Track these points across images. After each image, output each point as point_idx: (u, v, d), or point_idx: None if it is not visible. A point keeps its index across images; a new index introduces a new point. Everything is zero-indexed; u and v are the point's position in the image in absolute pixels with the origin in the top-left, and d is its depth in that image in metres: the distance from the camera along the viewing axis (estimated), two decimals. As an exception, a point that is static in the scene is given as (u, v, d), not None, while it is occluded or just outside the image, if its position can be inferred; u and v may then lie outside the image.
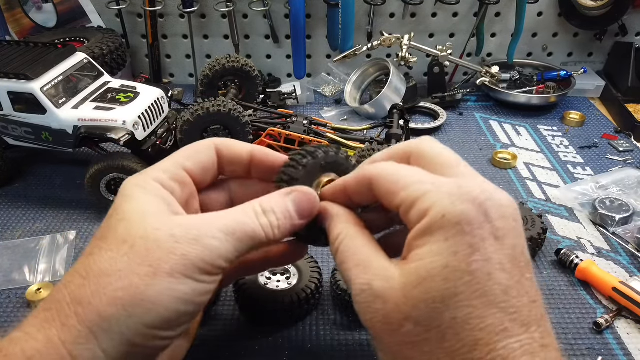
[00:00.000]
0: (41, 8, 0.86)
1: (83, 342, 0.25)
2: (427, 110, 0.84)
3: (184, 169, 0.32)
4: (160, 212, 0.28)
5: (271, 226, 0.29)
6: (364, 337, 0.44)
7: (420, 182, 0.26)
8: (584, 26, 0.90)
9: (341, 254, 0.29)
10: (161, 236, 0.26)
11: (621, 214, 0.58)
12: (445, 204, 0.24)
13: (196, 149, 0.33)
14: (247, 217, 0.29)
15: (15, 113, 0.57)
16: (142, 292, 0.25)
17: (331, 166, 0.33)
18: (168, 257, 0.26)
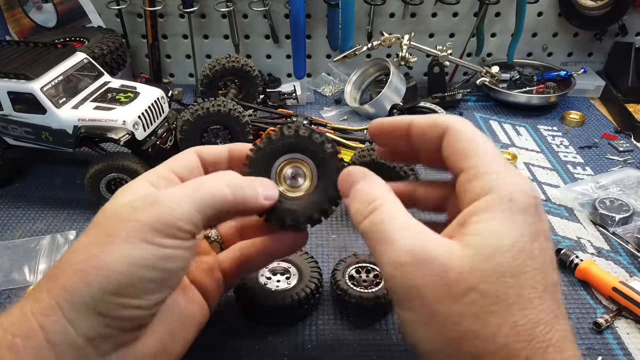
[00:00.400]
0: (41, 8, 0.86)
1: (50, 314, 0.26)
2: (427, 110, 0.84)
3: (170, 169, 0.33)
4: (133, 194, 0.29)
5: (235, 185, 0.30)
6: (364, 337, 0.44)
7: (494, 159, 0.27)
8: (584, 26, 0.90)
9: (381, 213, 0.27)
10: (121, 209, 0.28)
11: (621, 214, 0.58)
12: (512, 189, 0.26)
13: (180, 156, 0.35)
14: (209, 178, 0.30)
15: (15, 113, 0.57)
16: (100, 261, 0.26)
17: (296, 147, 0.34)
18: (124, 225, 0.27)
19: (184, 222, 0.28)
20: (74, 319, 0.25)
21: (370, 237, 0.27)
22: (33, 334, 0.25)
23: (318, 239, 0.56)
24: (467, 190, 0.27)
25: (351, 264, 0.48)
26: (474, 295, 0.24)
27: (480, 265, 0.24)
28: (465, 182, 0.27)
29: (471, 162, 0.27)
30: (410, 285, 0.25)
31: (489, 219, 0.25)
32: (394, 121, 0.32)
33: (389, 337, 0.44)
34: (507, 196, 0.25)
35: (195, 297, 0.35)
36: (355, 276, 0.47)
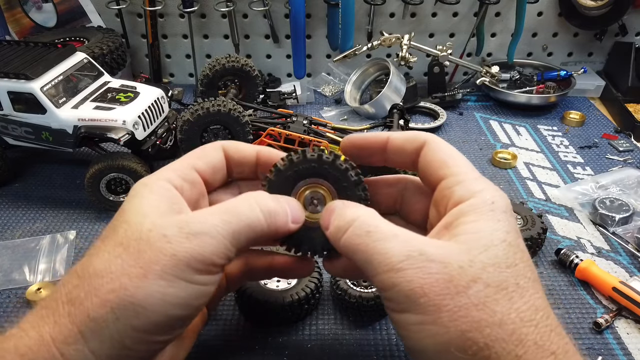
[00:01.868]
0: (41, 8, 0.86)
1: (72, 342, 0.25)
2: (427, 110, 0.84)
3: (195, 169, 0.32)
4: (159, 213, 0.27)
5: (269, 213, 0.29)
6: (364, 337, 0.44)
7: (470, 169, 0.29)
8: (584, 26, 0.90)
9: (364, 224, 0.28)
10: (153, 236, 0.26)
11: (621, 214, 0.58)
12: (493, 193, 0.28)
13: (205, 149, 0.33)
14: (242, 204, 0.29)
15: (15, 113, 0.57)
16: (132, 295, 0.25)
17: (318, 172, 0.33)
18: (158, 258, 0.25)
19: (219, 257, 0.27)
20: (97, 349, 0.25)
21: (358, 250, 0.27)
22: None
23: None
24: (450, 195, 0.28)
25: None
26: (478, 286, 0.25)
27: (478, 258, 0.25)
28: (447, 188, 0.29)
29: (451, 170, 0.29)
30: (413, 288, 0.25)
31: (477, 219, 0.27)
32: (370, 138, 0.33)
33: (389, 337, 0.44)
34: (490, 199, 0.27)
35: None
36: (355, 276, 0.47)
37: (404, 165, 0.33)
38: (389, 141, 0.32)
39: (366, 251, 0.27)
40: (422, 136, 0.31)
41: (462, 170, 0.29)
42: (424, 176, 0.31)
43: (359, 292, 0.45)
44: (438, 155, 0.30)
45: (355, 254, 0.27)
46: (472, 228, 0.26)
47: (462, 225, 0.27)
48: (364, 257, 0.27)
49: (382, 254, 0.26)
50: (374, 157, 0.33)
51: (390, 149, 0.32)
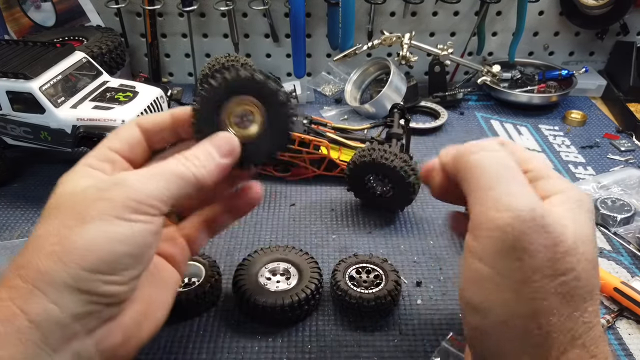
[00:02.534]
0: (40, 7, 0.86)
1: (29, 297, 0.25)
2: (428, 109, 0.84)
3: (110, 149, 0.32)
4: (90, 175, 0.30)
5: (195, 165, 0.30)
6: (364, 338, 0.44)
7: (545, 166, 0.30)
8: (585, 25, 0.90)
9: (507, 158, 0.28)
10: (87, 191, 0.28)
11: (623, 214, 0.58)
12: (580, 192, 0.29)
13: (118, 129, 0.34)
14: (171, 162, 0.30)
15: (14, 112, 0.57)
16: (74, 241, 0.26)
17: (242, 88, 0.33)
18: (95, 204, 0.27)
19: (154, 199, 0.28)
20: (57, 298, 0.25)
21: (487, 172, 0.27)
22: (13, 317, 0.25)
23: (318, 239, 0.56)
24: (537, 187, 0.28)
25: (351, 265, 0.47)
26: (570, 276, 0.25)
27: (580, 248, 0.26)
28: (531, 181, 0.29)
29: (534, 165, 0.30)
30: (514, 246, 0.25)
31: (574, 213, 0.27)
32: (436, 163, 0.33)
33: (389, 338, 0.44)
34: (577, 196, 0.28)
35: (164, 266, 0.35)
36: (356, 277, 0.47)
37: None
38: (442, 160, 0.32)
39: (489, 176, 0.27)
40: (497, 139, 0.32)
41: (545, 167, 0.30)
42: None
43: (359, 292, 0.44)
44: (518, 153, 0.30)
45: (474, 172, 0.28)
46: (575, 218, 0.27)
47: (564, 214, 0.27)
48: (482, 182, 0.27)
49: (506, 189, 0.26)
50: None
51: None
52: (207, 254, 0.49)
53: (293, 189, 0.64)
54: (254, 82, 0.32)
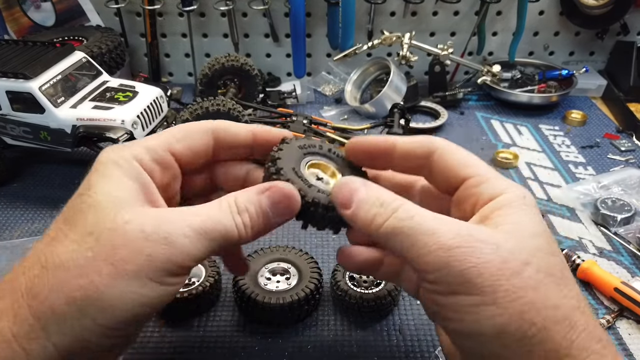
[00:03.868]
0: (39, 7, 0.86)
1: (34, 338, 0.24)
2: (428, 109, 0.84)
3: (171, 151, 0.30)
4: (133, 201, 0.26)
5: (244, 225, 0.28)
6: (364, 338, 0.44)
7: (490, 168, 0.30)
8: (585, 25, 0.90)
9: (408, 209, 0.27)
10: (130, 231, 0.25)
11: (623, 214, 0.58)
12: (522, 189, 0.29)
13: (190, 130, 0.30)
14: (223, 214, 0.27)
15: (14, 112, 0.57)
16: (101, 293, 0.24)
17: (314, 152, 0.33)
18: (134, 257, 0.24)
19: (192, 260, 0.26)
20: (58, 343, 0.24)
21: (402, 232, 0.26)
22: (15, 356, 0.24)
23: (318, 239, 0.56)
24: (479, 193, 0.29)
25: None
26: (530, 269, 0.25)
27: (526, 244, 0.26)
28: (473, 187, 0.29)
29: (474, 170, 0.30)
30: (467, 267, 0.25)
31: (515, 212, 0.27)
32: (376, 142, 0.32)
33: (389, 338, 0.44)
34: (521, 195, 0.28)
35: None
36: (356, 277, 0.47)
37: (410, 170, 0.33)
38: (397, 146, 0.32)
39: (411, 233, 0.26)
40: (432, 141, 0.31)
41: (485, 170, 0.30)
42: (439, 179, 0.31)
43: (359, 292, 0.44)
44: (456, 157, 0.30)
45: (396, 236, 0.27)
46: (513, 219, 0.27)
47: (502, 216, 0.27)
48: (408, 240, 0.26)
49: (429, 234, 0.26)
50: (379, 161, 0.33)
51: (399, 153, 0.32)
52: (207, 254, 0.49)
53: (293, 189, 0.64)
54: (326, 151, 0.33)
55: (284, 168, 0.30)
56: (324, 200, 0.30)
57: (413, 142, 0.32)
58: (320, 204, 0.29)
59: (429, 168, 0.31)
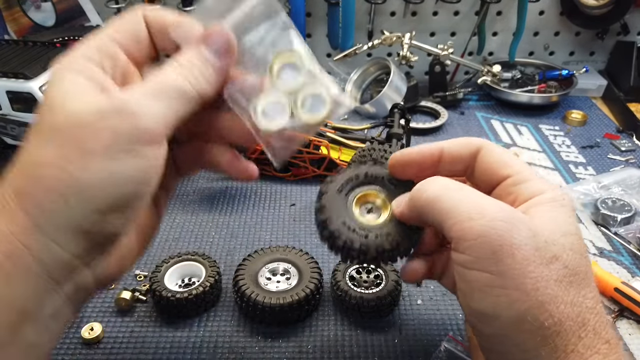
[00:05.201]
0: (40, 7, 0.86)
1: (30, 234, 0.24)
2: (428, 109, 0.84)
3: (114, 40, 0.29)
4: (84, 92, 0.26)
5: (194, 77, 0.27)
6: (364, 338, 0.44)
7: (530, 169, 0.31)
8: (585, 25, 0.90)
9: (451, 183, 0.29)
10: (88, 115, 0.25)
11: (623, 214, 0.58)
12: (559, 192, 0.29)
13: (124, 18, 0.30)
14: (168, 75, 0.27)
15: (14, 112, 0.57)
16: (78, 179, 0.24)
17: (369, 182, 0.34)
18: (98, 136, 0.24)
19: (160, 124, 0.26)
20: (58, 238, 0.25)
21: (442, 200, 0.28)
22: (18, 252, 0.24)
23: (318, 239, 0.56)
24: (519, 191, 0.29)
25: (352, 265, 0.47)
26: (558, 264, 0.26)
27: (560, 239, 0.26)
28: (513, 185, 0.30)
29: (516, 169, 0.30)
30: (502, 244, 0.25)
31: (553, 209, 0.28)
32: (424, 152, 0.33)
33: (389, 338, 0.44)
34: (559, 196, 0.29)
35: None
36: (356, 277, 0.47)
37: (455, 173, 0.33)
38: (445, 151, 0.32)
39: (451, 200, 0.28)
40: (477, 141, 0.32)
41: (525, 170, 0.30)
42: (481, 178, 0.32)
43: (359, 293, 0.44)
44: (498, 156, 0.31)
45: (441, 202, 0.28)
46: (550, 215, 0.27)
47: (540, 212, 0.28)
48: (447, 206, 0.27)
49: (471, 202, 0.27)
50: (427, 171, 0.33)
51: (447, 158, 0.32)
52: (207, 254, 0.49)
53: (293, 189, 0.64)
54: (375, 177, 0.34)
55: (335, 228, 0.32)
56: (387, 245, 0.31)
57: (459, 145, 0.32)
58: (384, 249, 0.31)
59: (472, 168, 0.32)
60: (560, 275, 0.26)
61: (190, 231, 0.57)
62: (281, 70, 0.30)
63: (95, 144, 0.24)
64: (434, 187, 0.29)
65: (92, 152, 0.24)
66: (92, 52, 0.28)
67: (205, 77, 0.28)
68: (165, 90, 0.26)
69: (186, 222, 0.58)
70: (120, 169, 0.25)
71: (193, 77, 0.27)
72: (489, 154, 0.31)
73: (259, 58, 0.30)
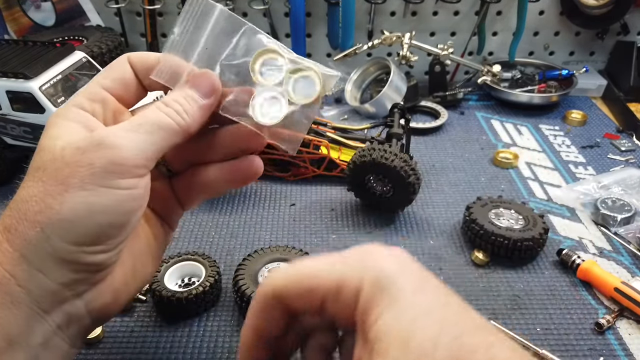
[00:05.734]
0: (40, 7, 0.86)
1: (17, 264, 0.26)
2: (428, 109, 0.84)
3: (103, 87, 0.30)
4: (71, 133, 0.28)
5: (177, 112, 0.29)
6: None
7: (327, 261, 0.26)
8: (585, 25, 0.90)
9: None
10: (67, 153, 0.26)
11: (623, 214, 0.58)
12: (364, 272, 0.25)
13: (111, 66, 0.32)
14: (151, 111, 0.29)
15: (14, 112, 0.57)
16: (57, 212, 0.26)
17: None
18: (76, 171, 0.26)
19: (138, 157, 0.27)
20: (43, 267, 0.26)
21: None
22: (5, 280, 0.25)
23: (317, 239, 0.56)
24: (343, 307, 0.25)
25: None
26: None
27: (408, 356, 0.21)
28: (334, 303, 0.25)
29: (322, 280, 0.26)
30: None
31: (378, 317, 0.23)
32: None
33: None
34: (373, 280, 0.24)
35: (153, 221, 0.34)
36: (356, 277, 0.47)
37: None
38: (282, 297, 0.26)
39: None
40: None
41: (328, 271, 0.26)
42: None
43: (359, 293, 0.44)
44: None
45: None
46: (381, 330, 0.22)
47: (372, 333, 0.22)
48: None
49: None
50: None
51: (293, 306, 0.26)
52: (207, 254, 0.49)
53: (293, 189, 0.64)
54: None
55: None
56: None
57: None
58: None
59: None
60: None
61: (190, 231, 0.57)
62: (262, 67, 0.31)
63: (73, 178, 0.26)
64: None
65: (71, 186, 0.26)
66: (83, 101, 0.29)
67: (190, 113, 0.29)
68: (145, 123, 0.28)
69: (186, 222, 0.58)
70: (96, 201, 0.26)
71: (175, 113, 0.29)
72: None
73: (239, 68, 0.32)
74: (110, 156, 0.26)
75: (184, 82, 0.30)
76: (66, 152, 0.26)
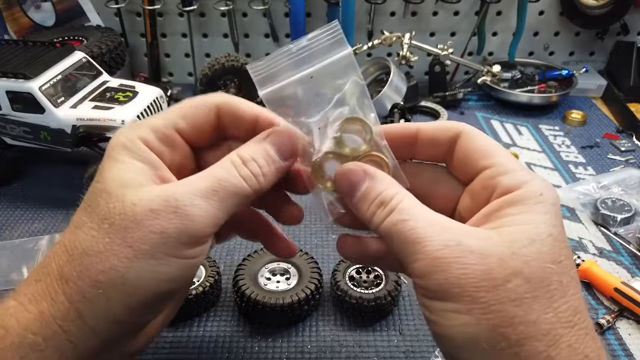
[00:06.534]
0: (40, 7, 0.86)
1: (71, 320, 0.25)
2: (428, 109, 0.84)
3: (176, 129, 0.29)
4: (141, 183, 0.26)
5: (254, 175, 0.27)
6: (364, 338, 0.44)
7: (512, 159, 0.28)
8: (585, 25, 0.90)
9: (403, 212, 0.26)
10: (139, 212, 0.25)
11: (623, 214, 0.58)
12: (541, 184, 0.27)
13: (193, 106, 0.30)
14: (227, 172, 0.27)
15: (14, 112, 0.57)
16: (123, 276, 0.25)
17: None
18: (148, 236, 0.25)
19: (209, 227, 0.26)
20: (96, 326, 0.26)
21: (395, 237, 0.26)
22: (58, 336, 0.25)
23: (318, 239, 0.56)
24: (495, 185, 0.27)
25: (351, 265, 0.47)
26: (517, 280, 0.24)
27: (521, 250, 0.24)
28: (490, 178, 0.28)
29: (496, 160, 0.28)
30: (448, 278, 0.24)
31: (523, 210, 0.26)
32: (397, 131, 0.31)
33: (389, 338, 0.44)
34: (539, 190, 0.26)
35: None
36: (356, 277, 0.47)
37: (434, 158, 0.31)
38: (420, 132, 0.30)
39: (402, 239, 0.25)
40: (456, 125, 0.30)
41: (506, 161, 0.28)
42: (459, 166, 0.30)
43: (359, 292, 0.44)
44: (479, 144, 0.29)
45: (391, 239, 0.26)
46: (518, 219, 0.25)
47: (507, 216, 0.26)
48: (400, 244, 0.26)
49: (418, 242, 0.25)
50: (401, 151, 0.30)
51: (422, 140, 0.30)
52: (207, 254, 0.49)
53: (293, 189, 0.64)
54: None
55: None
56: None
57: (437, 127, 0.30)
58: None
59: (451, 155, 0.30)
60: (519, 293, 0.23)
61: (190, 231, 0.57)
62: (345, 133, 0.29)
63: (144, 244, 0.25)
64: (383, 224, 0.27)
65: (141, 252, 0.25)
66: (151, 138, 0.28)
67: (266, 175, 0.28)
68: (220, 189, 0.26)
69: (186, 222, 0.58)
70: (164, 270, 0.26)
71: (252, 176, 0.27)
72: (469, 140, 0.29)
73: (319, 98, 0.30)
74: (184, 228, 0.25)
75: (265, 135, 0.29)
76: (137, 210, 0.25)
